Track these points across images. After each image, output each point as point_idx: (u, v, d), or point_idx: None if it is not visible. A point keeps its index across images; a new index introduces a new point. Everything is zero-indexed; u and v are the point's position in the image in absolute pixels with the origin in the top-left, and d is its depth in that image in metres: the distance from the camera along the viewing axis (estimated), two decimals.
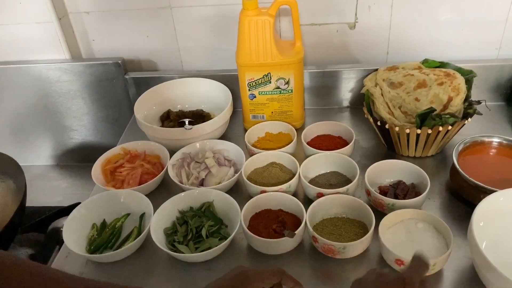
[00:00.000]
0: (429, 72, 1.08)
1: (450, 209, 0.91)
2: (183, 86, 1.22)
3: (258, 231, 0.86)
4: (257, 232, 0.85)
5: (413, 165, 0.93)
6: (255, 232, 0.85)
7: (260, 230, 0.86)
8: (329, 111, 1.24)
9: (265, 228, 0.86)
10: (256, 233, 0.85)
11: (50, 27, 1.21)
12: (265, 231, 0.86)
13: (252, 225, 0.88)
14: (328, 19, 1.19)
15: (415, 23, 1.18)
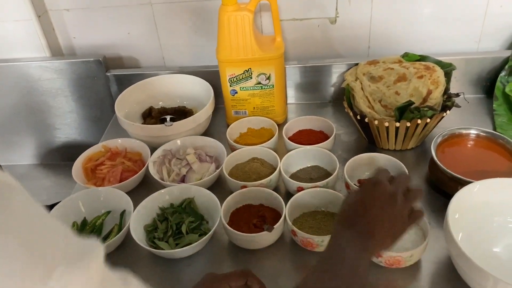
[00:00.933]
0: (409, 66, 1.08)
1: (429, 201, 0.92)
2: (165, 82, 1.21)
3: (238, 226, 0.86)
4: (238, 227, 0.86)
5: (391, 157, 0.93)
6: (236, 227, 0.86)
7: (241, 225, 0.86)
8: (312, 106, 1.24)
9: (246, 223, 0.86)
10: (237, 228, 0.85)
11: (29, 24, 1.20)
12: (245, 226, 0.86)
13: (233, 220, 0.88)
14: (309, 14, 1.19)
15: (396, 17, 1.18)
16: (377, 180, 0.66)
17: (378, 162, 0.95)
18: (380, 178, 0.67)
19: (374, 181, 0.67)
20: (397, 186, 0.66)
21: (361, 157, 0.95)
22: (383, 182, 0.66)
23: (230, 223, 0.87)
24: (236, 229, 0.85)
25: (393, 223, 0.63)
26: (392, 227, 0.63)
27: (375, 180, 0.67)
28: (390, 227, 0.63)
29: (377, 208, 0.63)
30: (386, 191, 0.64)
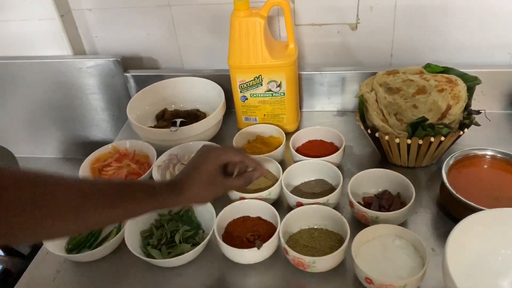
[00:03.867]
0: (430, 78, 1.02)
1: (437, 225, 0.86)
2: (180, 85, 1.21)
3: (232, 239, 0.84)
4: (231, 239, 0.84)
5: (399, 175, 0.89)
6: (229, 240, 0.84)
7: (235, 238, 0.84)
8: (327, 114, 1.21)
9: (240, 236, 0.85)
10: (230, 241, 0.84)
11: (52, 23, 1.23)
12: (239, 239, 0.84)
13: (228, 232, 0.86)
14: (329, 19, 1.15)
15: (421, 24, 1.12)
16: (211, 145, 0.76)
17: (384, 178, 0.91)
18: (220, 147, 0.77)
19: (208, 145, 0.76)
20: (231, 157, 0.74)
21: (367, 173, 0.91)
22: (217, 149, 0.75)
23: (225, 234, 0.86)
24: (230, 241, 0.84)
25: (204, 178, 0.71)
26: (203, 181, 0.71)
27: (209, 145, 0.77)
28: (201, 181, 0.70)
29: (197, 164, 0.72)
30: (207, 150, 0.73)
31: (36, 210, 0.56)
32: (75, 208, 0.59)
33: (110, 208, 0.62)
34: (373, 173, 0.91)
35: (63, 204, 0.58)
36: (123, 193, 0.64)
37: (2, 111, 1.40)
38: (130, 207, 0.65)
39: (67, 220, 0.59)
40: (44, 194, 0.57)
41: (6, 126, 1.43)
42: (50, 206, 0.57)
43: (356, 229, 0.82)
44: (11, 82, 1.33)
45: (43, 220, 0.57)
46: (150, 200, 0.67)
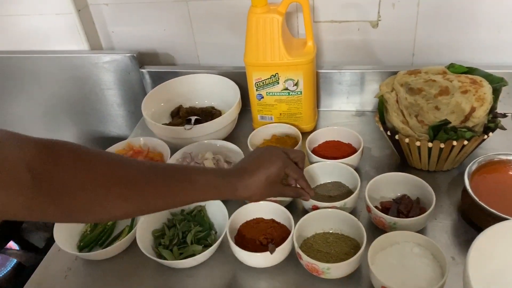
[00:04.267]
0: (453, 78, 0.98)
1: (458, 232, 0.83)
2: (195, 82, 1.20)
3: (244, 241, 0.83)
4: (244, 242, 0.82)
5: (419, 179, 0.85)
6: (242, 242, 0.82)
7: (247, 240, 0.83)
8: (346, 114, 1.17)
9: (253, 239, 0.83)
10: (242, 243, 0.82)
11: (69, 18, 1.22)
12: (251, 241, 0.82)
13: (241, 233, 0.85)
14: (349, 16, 1.11)
15: (445, 22, 1.08)
16: (281, 150, 0.77)
17: (403, 182, 0.88)
18: (288, 155, 0.77)
19: (278, 150, 0.77)
20: (290, 155, 0.77)
21: (385, 177, 0.88)
22: (280, 149, 0.77)
23: (237, 236, 0.84)
24: (242, 243, 0.82)
25: (266, 180, 0.72)
26: (264, 182, 0.71)
27: (279, 149, 0.77)
28: (262, 181, 0.71)
29: (266, 163, 0.72)
30: (276, 154, 0.75)
31: (95, 191, 0.56)
32: (137, 191, 0.60)
33: (172, 194, 0.64)
34: (391, 176, 0.88)
35: (124, 186, 0.59)
36: (184, 178, 0.65)
37: (20, 105, 1.41)
38: (191, 194, 0.66)
39: (128, 201, 0.59)
40: (105, 175, 0.57)
41: (24, 120, 1.44)
42: (110, 187, 0.57)
43: (373, 234, 0.79)
44: (29, 76, 1.33)
45: (103, 200, 0.57)
46: (204, 192, 0.68)
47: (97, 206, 0.57)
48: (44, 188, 0.52)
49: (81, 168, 0.56)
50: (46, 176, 0.53)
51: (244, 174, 0.71)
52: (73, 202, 0.55)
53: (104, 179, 0.57)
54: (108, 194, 0.57)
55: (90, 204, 0.56)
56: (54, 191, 0.53)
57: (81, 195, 0.55)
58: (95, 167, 0.57)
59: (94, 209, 0.57)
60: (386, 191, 0.89)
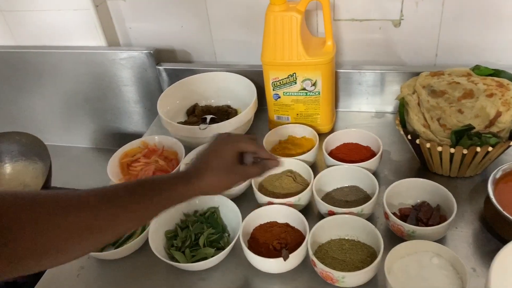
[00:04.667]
0: (478, 81, 0.95)
1: (479, 242, 0.80)
2: (211, 80, 1.18)
3: (257, 245, 0.81)
4: (257, 246, 0.81)
5: (439, 185, 0.82)
6: (255, 246, 0.81)
7: (260, 245, 0.81)
8: (365, 116, 1.15)
9: (265, 243, 0.81)
10: (256, 247, 0.80)
11: (87, 14, 1.22)
12: (264, 246, 0.81)
13: (254, 237, 0.83)
14: (370, 14, 1.08)
15: (470, 21, 1.04)
16: (227, 133, 0.75)
17: (423, 189, 0.85)
18: (236, 135, 0.76)
19: (224, 133, 0.75)
20: (247, 147, 0.72)
21: (405, 182, 0.85)
22: (228, 133, 0.76)
23: (250, 240, 0.83)
24: (255, 247, 0.80)
25: (224, 167, 0.69)
26: (222, 171, 0.68)
27: (225, 133, 0.75)
28: (220, 170, 0.68)
29: (214, 151, 0.70)
30: (224, 139, 0.72)
31: (41, 233, 0.50)
32: (87, 226, 0.54)
33: (124, 214, 0.58)
34: (411, 182, 0.85)
35: (74, 223, 0.53)
36: (134, 195, 0.61)
37: (38, 100, 1.41)
38: (144, 208, 0.62)
39: (81, 239, 0.54)
40: (50, 214, 0.51)
41: (41, 115, 1.44)
42: (61, 225, 0.52)
43: (390, 242, 0.77)
44: (47, 71, 1.34)
45: (53, 243, 0.51)
46: (162, 198, 0.64)
47: (45, 252, 0.51)
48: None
49: (22, 208, 0.50)
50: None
51: (200, 169, 0.68)
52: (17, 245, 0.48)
53: (50, 220, 0.51)
54: (56, 237, 0.51)
55: (40, 246, 0.50)
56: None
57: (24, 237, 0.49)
58: (38, 203, 0.52)
59: (41, 255, 0.50)
60: (405, 197, 0.86)
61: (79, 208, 0.54)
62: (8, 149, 1.20)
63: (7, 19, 1.29)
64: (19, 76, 1.36)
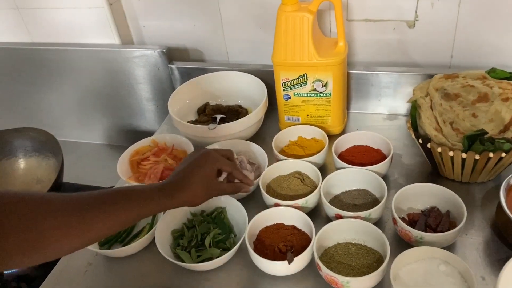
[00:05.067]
0: (493, 85, 0.92)
1: (490, 250, 0.78)
2: (223, 79, 1.18)
3: (263, 247, 0.81)
4: (263, 248, 0.80)
5: (449, 191, 0.81)
6: (261, 248, 0.81)
7: (266, 247, 0.81)
8: (376, 117, 1.13)
9: (271, 245, 0.81)
10: (261, 249, 0.80)
11: (101, 12, 1.23)
12: (270, 248, 0.80)
13: (260, 239, 0.83)
14: (384, 15, 1.07)
15: (487, 23, 1.01)
16: (208, 150, 0.80)
17: (433, 194, 0.83)
18: (216, 153, 0.80)
19: (205, 150, 0.81)
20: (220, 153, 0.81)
21: (414, 187, 0.84)
22: (208, 149, 0.81)
23: (256, 241, 0.82)
24: (261, 249, 0.80)
25: (201, 181, 0.74)
26: (199, 184, 0.74)
27: (206, 150, 0.81)
28: (197, 184, 0.74)
29: (196, 167, 0.76)
30: (205, 155, 0.78)
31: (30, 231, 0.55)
32: (62, 230, 0.58)
33: (103, 220, 0.62)
34: (421, 187, 0.84)
35: (48, 228, 0.57)
36: (114, 204, 0.64)
37: (52, 96, 1.43)
38: (122, 216, 0.65)
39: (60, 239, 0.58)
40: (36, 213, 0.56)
41: (56, 111, 1.47)
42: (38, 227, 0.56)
43: (398, 247, 0.76)
44: (63, 68, 1.35)
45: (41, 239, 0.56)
46: (142, 208, 0.68)
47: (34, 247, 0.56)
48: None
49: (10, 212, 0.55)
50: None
51: (179, 182, 0.73)
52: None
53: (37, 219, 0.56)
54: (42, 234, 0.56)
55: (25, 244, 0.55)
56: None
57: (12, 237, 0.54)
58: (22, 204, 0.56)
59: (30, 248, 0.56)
60: (415, 202, 0.85)
61: (61, 211, 0.59)
62: (22, 144, 1.23)
63: (24, 17, 1.31)
64: (35, 72, 1.38)
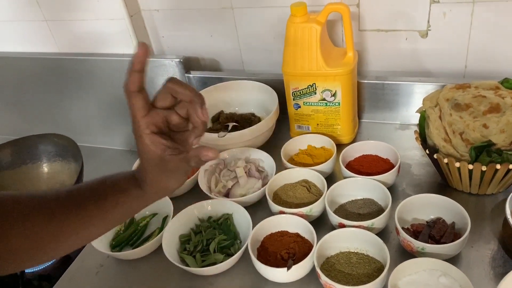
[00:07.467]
0: (506, 95, 0.91)
1: (495, 263, 0.77)
2: (237, 88, 1.20)
3: (266, 254, 0.82)
4: (266, 254, 0.82)
5: (453, 202, 0.80)
6: (264, 254, 0.82)
7: (269, 254, 0.82)
8: (388, 127, 1.13)
9: (274, 252, 0.82)
10: (264, 256, 0.82)
11: (122, 23, 1.28)
12: (273, 255, 0.82)
13: (264, 246, 0.84)
14: (396, 25, 1.07)
15: (501, 32, 1.00)
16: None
17: (439, 205, 0.83)
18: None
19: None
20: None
21: (419, 198, 0.84)
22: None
23: (260, 248, 0.84)
24: (264, 256, 0.82)
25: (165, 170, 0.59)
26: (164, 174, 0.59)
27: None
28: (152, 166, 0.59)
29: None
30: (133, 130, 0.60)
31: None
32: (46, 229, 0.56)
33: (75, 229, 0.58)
34: (426, 198, 0.83)
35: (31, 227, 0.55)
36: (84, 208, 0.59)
37: (77, 103, 1.49)
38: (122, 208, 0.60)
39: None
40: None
41: (79, 117, 1.52)
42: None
43: (402, 258, 0.76)
44: (86, 77, 1.41)
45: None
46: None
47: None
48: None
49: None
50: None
51: (141, 172, 0.61)
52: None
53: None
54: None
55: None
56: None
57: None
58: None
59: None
60: (420, 213, 0.84)
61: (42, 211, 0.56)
62: (46, 149, 1.28)
63: (51, 28, 1.38)
64: (61, 81, 1.45)
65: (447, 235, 0.78)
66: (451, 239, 0.77)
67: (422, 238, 0.78)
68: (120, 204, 0.60)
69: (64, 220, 0.57)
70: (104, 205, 0.59)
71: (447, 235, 0.78)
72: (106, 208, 0.60)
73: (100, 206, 0.59)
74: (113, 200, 0.60)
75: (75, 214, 0.58)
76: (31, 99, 1.55)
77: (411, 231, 0.82)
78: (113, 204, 0.60)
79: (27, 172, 1.31)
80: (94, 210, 0.59)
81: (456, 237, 0.78)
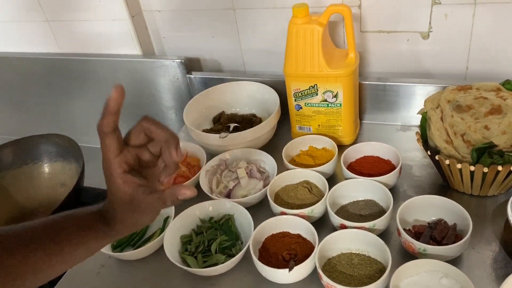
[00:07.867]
0: (507, 96, 0.91)
1: (496, 265, 0.77)
2: (238, 89, 1.20)
3: (268, 255, 0.82)
4: (267, 255, 0.82)
5: (455, 203, 0.80)
6: (265, 255, 0.82)
7: (271, 254, 0.82)
8: (389, 128, 1.13)
9: (276, 253, 0.82)
10: (266, 257, 0.82)
11: (124, 24, 1.28)
12: (275, 256, 0.82)
13: (265, 246, 0.84)
14: (398, 26, 1.07)
15: (503, 34, 1.00)
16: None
17: (440, 206, 0.83)
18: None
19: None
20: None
21: (420, 199, 0.83)
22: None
23: (261, 249, 0.84)
24: (265, 257, 0.82)
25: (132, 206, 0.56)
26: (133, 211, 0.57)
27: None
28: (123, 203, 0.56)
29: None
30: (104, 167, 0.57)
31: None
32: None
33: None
34: (428, 199, 0.83)
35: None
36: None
37: (78, 104, 1.49)
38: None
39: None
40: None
41: (81, 118, 1.53)
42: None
43: (403, 259, 0.76)
44: (87, 78, 1.41)
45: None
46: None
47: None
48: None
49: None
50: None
51: (110, 211, 0.59)
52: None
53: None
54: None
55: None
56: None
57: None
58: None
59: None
60: (421, 214, 0.84)
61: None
62: (47, 150, 1.29)
63: (53, 28, 1.38)
64: (62, 81, 1.45)
65: (449, 236, 0.78)
66: (452, 241, 0.77)
67: (423, 240, 0.78)
68: (83, 242, 0.59)
69: (22, 259, 0.55)
70: (68, 243, 0.58)
71: (448, 237, 0.78)
72: (69, 247, 0.58)
73: (62, 245, 0.57)
74: (76, 238, 0.58)
75: (34, 254, 0.55)
76: (33, 100, 1.56)
77: (413, 232, 0.82)
78: (76, 242, 0.58)
79: (28, 172, 1.31)
80: (54, 248, 0.57)
81: (458, 238, 0.78)
